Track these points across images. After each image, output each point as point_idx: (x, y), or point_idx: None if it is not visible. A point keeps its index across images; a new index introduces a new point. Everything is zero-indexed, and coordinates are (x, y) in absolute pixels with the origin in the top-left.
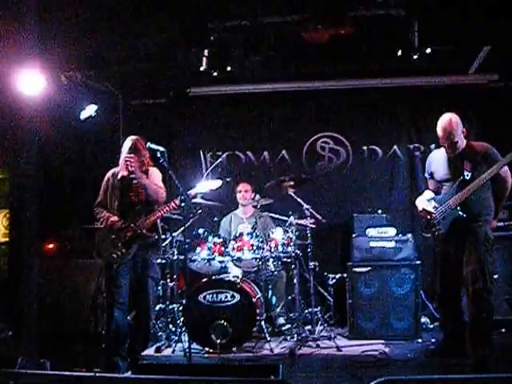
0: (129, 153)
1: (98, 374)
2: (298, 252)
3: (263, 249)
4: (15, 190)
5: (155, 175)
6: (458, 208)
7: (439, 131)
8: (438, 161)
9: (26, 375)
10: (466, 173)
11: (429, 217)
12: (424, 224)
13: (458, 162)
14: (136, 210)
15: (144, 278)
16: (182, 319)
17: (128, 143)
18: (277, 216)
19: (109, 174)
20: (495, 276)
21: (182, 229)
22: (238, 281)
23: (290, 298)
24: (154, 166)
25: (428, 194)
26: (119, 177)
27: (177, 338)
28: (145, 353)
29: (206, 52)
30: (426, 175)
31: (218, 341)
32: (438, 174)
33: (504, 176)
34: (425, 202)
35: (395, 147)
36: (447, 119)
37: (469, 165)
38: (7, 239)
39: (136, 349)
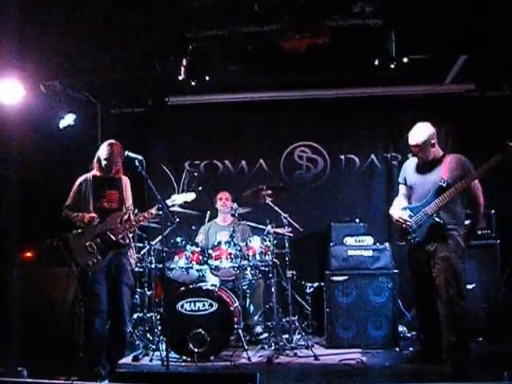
0: (108, 157)
1: (75, 383)
2: (276, 261)
3: (241, 257)
4: None
5: (128, 186)
6: (434, 215)
7: (410, 140)
8: (411, 167)
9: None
10: (441, 181)
11: (404, 226)
12: (399, 232)
13: (431, 170)
14: (111, 217)
15: (119, 285)
16: (159, 328)
17: (106, 148)
18: (254, 225)
19: (81, 178)
20: (472, 285)
21: (159, 237)
22: (216, 289)
23: (267, 306)
24: (126, 174)
25: (400, 201)
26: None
27: (154, 346)
28: (122, 361)
29: (184, 61)
30: (400, 180)
31: (196, 349)
32: (411, 179)
33: (475, 193)
34: (399, 210)
35: (372, 156)
36: (419, 128)
37: (443, 173)
38: None
39: (113, 356)
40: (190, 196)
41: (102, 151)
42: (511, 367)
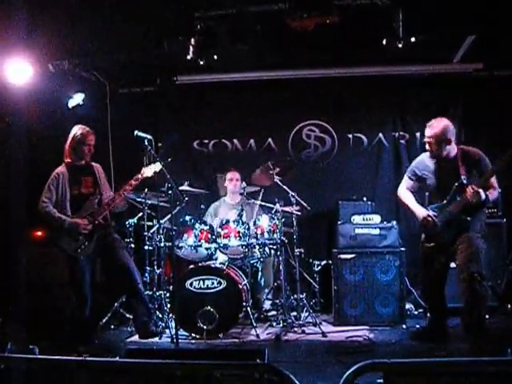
0: (93, 144)
1: (86, 358)
2: (284, 239)
3: (249, 236)
4: (3, 177)
5: (102, 172)
6: (462, 214)
7: (427, 131)
8: (429, 166)
9: (15, 359)
10: (462, 177)
11: (430, 226)
12: (426, 235)
13: (450, 168)
14: (89, 201)
15: (118, 252)
16: (168, 306)
17: (93, 136)
18: (263, 203)
19: (57, 170)
20: None
21: (168, 216)
22: (225, 267)
23: (275, 284)
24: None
25: (409, 194)
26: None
27: (164, 324)
28: (132, 339)
29: (192, 41)
30: (410, 175)
31: (205, 327)
32: (431, 180)
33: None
34: (424, 209)
35: (380, 135)
36: (437, 121)
37: (463, 169)
38: None
39: (143, 319)
40: (157, 166)
41: (89, 138)
42: None
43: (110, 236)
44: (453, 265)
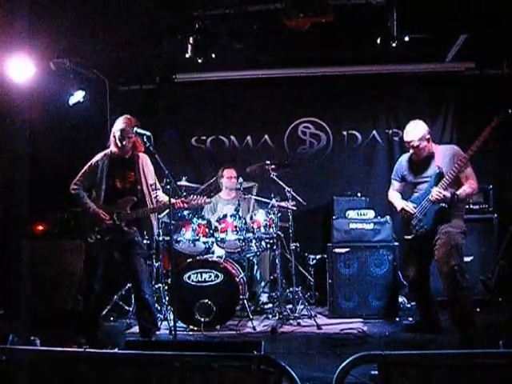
0: (121, 128)
1: (86, 350)
2: (280, 233)
3: (246, 230)
4: (5, 173)
5: (146, 163)
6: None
7: (406, 137)
8: (408, 164)
9: (17, 351)
10: (438, 168)
11: (407, 216)
12: (405, 224)
13: (427, 165)
14: (122, 200)
15: (132, 257)
16: (167, 298)
17: (120, 121)
18: (259, 198)
19: (98, 156)
20: (471, 258)
21: (167, 211)
22: (222, 261)
23: (271, 277)
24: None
25: (396, 195)
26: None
27: (162, 316)
28: (131, 330)
29: (191, 39)
30: (395, 177)
31: (202, 319)
32: (411, 176)
33: (470, 176)
34: (402, 201)
35: (374, 132)
36: (414, 125)
37: (438, 162)
38: None
39: (146, 326)
40: (206, 200)
41: (116, 124)
42: (507, 336)
43: (129, 239)
44: None
